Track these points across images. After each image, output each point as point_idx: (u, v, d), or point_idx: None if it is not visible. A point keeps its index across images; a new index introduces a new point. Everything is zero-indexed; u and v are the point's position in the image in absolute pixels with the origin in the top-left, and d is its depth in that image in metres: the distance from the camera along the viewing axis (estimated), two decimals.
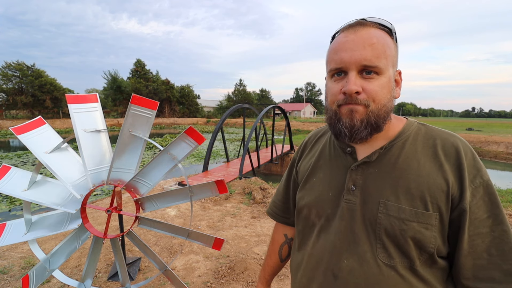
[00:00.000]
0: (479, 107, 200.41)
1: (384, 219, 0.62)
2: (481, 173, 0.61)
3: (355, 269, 0.64)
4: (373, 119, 0.62)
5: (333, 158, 0.75)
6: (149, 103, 1.50)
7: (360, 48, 0.60)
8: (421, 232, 0.60)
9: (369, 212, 0.64)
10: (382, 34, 0.62)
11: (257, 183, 5.91)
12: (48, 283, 2.49)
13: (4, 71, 31.41)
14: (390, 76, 0.63)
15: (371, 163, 0.67)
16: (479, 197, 0.59)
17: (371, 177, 0.66)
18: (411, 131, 0.68)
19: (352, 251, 0.65)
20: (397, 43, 0.66)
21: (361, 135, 0.63)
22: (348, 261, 0.65)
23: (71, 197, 1.54)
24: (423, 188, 0.60)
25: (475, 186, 0.60)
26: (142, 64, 45.48)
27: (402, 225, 0.60)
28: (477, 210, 0.59)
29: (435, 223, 0.60)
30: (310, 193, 0.76)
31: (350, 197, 0.67)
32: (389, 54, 0.62)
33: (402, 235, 0.60)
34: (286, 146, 12.62)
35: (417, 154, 0.64)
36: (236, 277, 2.62)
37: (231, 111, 8.67)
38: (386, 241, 0.62)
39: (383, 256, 0.62)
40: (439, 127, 0.69)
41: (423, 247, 0.61)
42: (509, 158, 14.91)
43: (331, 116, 0.67)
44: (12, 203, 6.49)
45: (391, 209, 0.62)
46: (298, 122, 34.11)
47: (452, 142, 0.63)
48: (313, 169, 0.79)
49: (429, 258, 0.62)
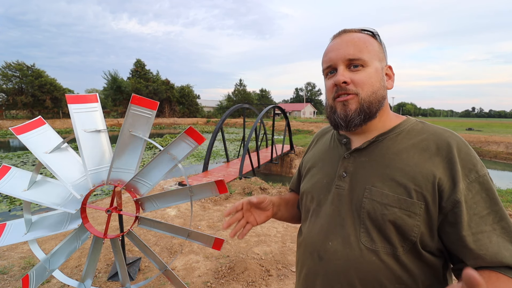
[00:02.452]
0: (479, 107, 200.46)
1: (368, 203, 0.65)
2: (476, 168, 0.61)
3: (338, 251, 0.68)
4: (366, 105, 0.68)
5: (331, 149, 0.82)
6: (149, 103, 1.50)
7: (344, 47, 0.69)
8: (402, 218, 0.61)
9: (356, 197, 0.68)
10: (365, 36, 0.71)
11: (257, 183, 5.92)
12: (48, 283, 2.49)
13: (4, 71, 31.39)
14: (377, 68, 0.69)
15: (363, 152, 0.72)
16: (475, 192, 0.60)
17: (361, 165, 0.71)
18: (407, 126, 0.71)
19: (338, 234, 0.69)
20: (382, 43, 0.73)
21: (355, 122, 0.69)
22: (333, 243, 0.69)
23: (71, 197, 1.54)
24: (408, 177, 0.63)
25: (470, 181, 0.60)
26: (142, 64, 45.46)
27: (384, 210, 0.63)
28: (475, 205, 0.59)
29: (419, 212, 0.61)
30: (309, 181, 0.83)
31: (341, 183, 0.72)
32: (371, 49, 0.69)
33: (383, 219, 0.63)
34: (286, 146, 12.62)
35: (408, 147, 0.67)
36: (236, 277, 2.62)
37: (231, 111, 8.67)
38: (369, 225, 0.65)
39: (366, 240, 0.65)
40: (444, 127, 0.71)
41: (405, 234, 0.62)
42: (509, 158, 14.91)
43: (328, 110, 0.75)
44: (12, 203, 6.49)
45: (375, 194, 0.65)
46: (298, 122, 34.10)
47: (446, 137, 0.65)
48: (314, 160, 0.86)
49: (413, 249, 0.62)
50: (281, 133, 18.83)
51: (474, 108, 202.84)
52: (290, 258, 3.03)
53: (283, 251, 3.17)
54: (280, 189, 5.36)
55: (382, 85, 0.70)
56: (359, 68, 0.68)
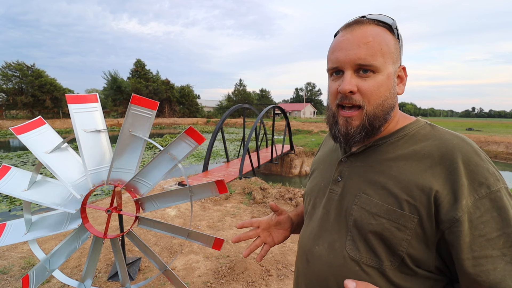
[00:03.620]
0: (479, 107, 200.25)
1: (356, 211, 0.63)
2: (488, 182, 0.52)
3: (323, 255, 0.66)
4: (368, 122, 0.62)
5: (333, 152, 0.80)
6: (149, 103, 1.50)
7: (354, 47, 0.60)
8: (390, 231, 0.57)
9: (346, 203, 0.66)
10: (380, 31, 0.61)
11: (257, 183, 5.92)
12: (48, 283, 2.49)
13: (4, 71, 31.40)
14: (389, 73, 0.62)
15: (359, 156, 0.68)
16: (484, 210, 0.51)
17: (356, 170, 0.68)
18: (412, 130, 0.65)
19: (324, 239, 0.68)
20: (399, 39, 0.65)
21: (355, 139, 0.64)
22: (319, 247, 0.68)
23: (71, 197, 1.54)
24: (401, 186, 0.57)
25: (480, 197, 0.52)
26: (142, 64, 45.47)
27: (371, 219, 0.59)
28: (483, 226, 0.51)
29: (410, 226, 0.55)
30: (310, 183, 0.83)
31: (334, 187, 0.70)
32: (386, 51, 0.61)
33: (369, 229, 0.59)
34: (286, 146, 12.62)
35: (408, 153, 0.61)
36: (236, 277, 2.62)
37: (231, 111, 8.67)
38: (355, 233, 0.62)
39: (351, 249, 0.62)
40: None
41: (392, 247, 0.57)
42: (509, 158, 14.90)
43: (330, 116, 0.69)
44: (12, 203, 6.49)
45: (364, 202, 0.62)
46: (298, 122, 34.09)
47: (453, 144, 0.57)
48: (318, 163, 0.86)
49: (403, 265, 0.57)
50: (281, 133, 18.82)
51: (474, 108, 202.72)
52: (290, 258, 3.03)
53: (283, 251, 3.17)
54: (280, 189, 5.36)
55: (391, 93, 0.63)
56: (368, 74, 0.60)
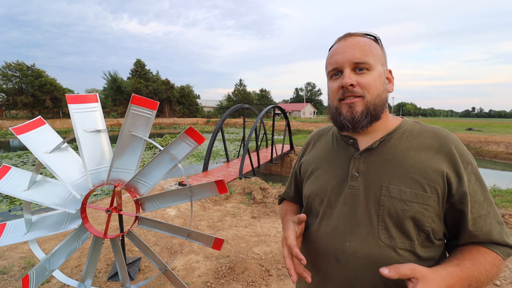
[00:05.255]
0: (479, 107, 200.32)
1: (387, 201, 0.68)
2: (471, 161, 0.70)
3: (358, 250, 0.68)
4: (372, 108, 0.71)
5: (337, 150, 0.82)
6: (149, 103, 1.50)
7: (350, 50, 0.72)
8: (421, 212, 0.66)
9: (372, 195, 0.70)
10: (368, 40, 0.74)
11: (257, 183, 5.92)
12: (48, 283, 2.49)
13: (4, 71, 31.36)
14: (380, 72, 0.73)
15: (373, 152, 0.74)
16: (473, 182, 0.68)
17: (373, 164, 0.73)
18: (407, 126, 0.76)
19: (355, 234, 0.70)
20: (383, 48, 0.77)
21: (362, 124, 0.72)
22: (351, 243, 0.70)
23: (71, 197, 1.54)
24: (421, 173, 0.67)
25: (469, 173, 0.68)
26: (142, 64, 45.43)
27: (404, 206, 0.66)
28: (475, 193, 0.67)
29: (433, 205, 0.66)
30: (315, 183, 0.82)
31: (354, 183, 0.73)
32: (375, 53, 0.72)
33: (404, 215, 0.66)
34: (286, 146, 12.62)
35: (414, 145, 0.71)
36: (236, 277, 2.62)
37: (231, 111, 8.66)
38: (389, 222, 0.67)
39: (385, 237, 0.67)
40: (439, 126, 0.77)
41: (421, 227, 0.67)
42: (509, 158, 14.90)
43: (333, 111, 0.76)
44: (12, 203, 6.49)
45: (393, 192, 0.68)
46: (298, 122, 34.10)
47: (444, 136, 0.71)
48: (318, 162, 0.85)
49: (426, 239, 0.68)
50: (281, 133, 18.82)
51: (474, 108, 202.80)
52: None
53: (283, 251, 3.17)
54: (280, 189, 5.36)
55: (385, 88, 0.74)
56: (364, 72, 0.71)
